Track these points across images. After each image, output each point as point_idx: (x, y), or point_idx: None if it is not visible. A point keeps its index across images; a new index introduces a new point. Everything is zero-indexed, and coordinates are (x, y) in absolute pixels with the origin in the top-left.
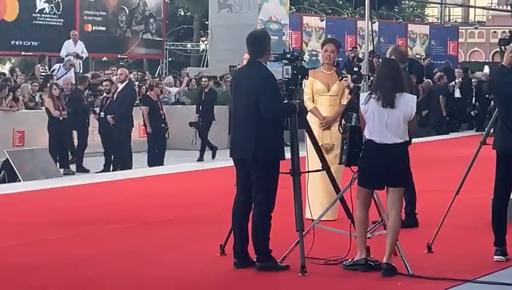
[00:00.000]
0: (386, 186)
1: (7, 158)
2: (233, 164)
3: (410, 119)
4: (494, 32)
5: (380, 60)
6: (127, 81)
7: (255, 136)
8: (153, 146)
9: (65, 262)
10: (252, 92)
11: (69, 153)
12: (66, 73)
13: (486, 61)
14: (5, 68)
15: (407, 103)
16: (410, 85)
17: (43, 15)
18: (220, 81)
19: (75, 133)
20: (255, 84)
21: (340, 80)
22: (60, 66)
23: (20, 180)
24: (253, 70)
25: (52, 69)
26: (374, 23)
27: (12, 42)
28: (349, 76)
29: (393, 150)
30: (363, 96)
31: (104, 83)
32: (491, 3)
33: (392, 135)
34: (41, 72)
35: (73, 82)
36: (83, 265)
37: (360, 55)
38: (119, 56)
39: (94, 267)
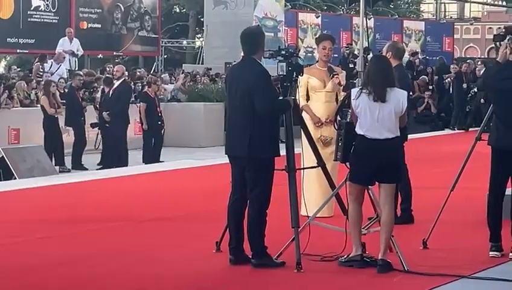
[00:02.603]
0: (378, 183)
1: (2, 156)
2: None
3: (401, 114)
4: (490, 28)
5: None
6: (123, 78)
7: (249, 134)
8: (149, 143)
9: (61, 261)
10: (246, 89)
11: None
12: (58, 68)
13: (482, 57)
14: (1, 66)
15: (398, 97)
16: (406, 82)
17: (38, 12)
18: (216, 78)
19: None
20: (249, 81)
21: (331, 78)
22: (52, 62)
23: (15, 178)
24: (246, 68)
25: (49, 69)
26: (370, 19)
27: (8, 40)
28: (342, 73)
29: (385, 145)
30: (354, 91)
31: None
32: None
33: (384, 130)
34: (40, 71)
35: (65, 77)
36: (79, 264)
37: (356, 52)
38: (114, 53)
39: (91, 265)
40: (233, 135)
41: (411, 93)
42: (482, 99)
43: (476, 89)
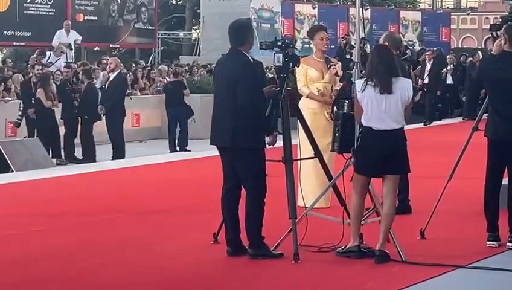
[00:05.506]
0: (383, 174)
1: None
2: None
3: (407, 103)
4: (487, 18)
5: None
6: (118, 71)
7: (233, 124)
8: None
9: (58, 253)
10: (231, 80)
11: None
12: (57, 60)
13: (479, 47)
14: None
15: (404, 87)
16: (404, 74)
17: (34, 5)
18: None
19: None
20: (234, 72)
21: (328, 68)
22: (50, 53)
23: (12, 171)
24: (232, 59)
25: (48, 61)
26: (366, 10)
27: (4, 33)
28: (338, 63)
29: (392, 136)
30: (359, 83)
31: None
32: None
33: (391, 121)
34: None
35: (63, 70)
36: (76, 256)
37: (352, 42)
38: (111, 45)
39: (88, 257)
40: (218, 125)
41: None
42: (438, 92)
43: (426, 80)
